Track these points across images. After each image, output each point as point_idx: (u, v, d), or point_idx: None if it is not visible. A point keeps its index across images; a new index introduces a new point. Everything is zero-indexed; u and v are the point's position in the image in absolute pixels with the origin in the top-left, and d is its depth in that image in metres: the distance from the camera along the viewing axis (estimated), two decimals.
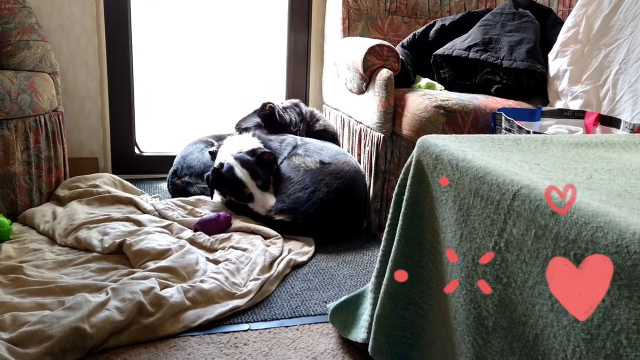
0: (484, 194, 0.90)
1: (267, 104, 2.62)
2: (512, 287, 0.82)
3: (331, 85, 2.86)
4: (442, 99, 1.95)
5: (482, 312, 0.88)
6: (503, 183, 0.86)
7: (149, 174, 2.91)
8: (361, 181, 2.25)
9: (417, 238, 1.12)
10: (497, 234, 0.86)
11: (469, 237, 0.93)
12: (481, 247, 0.90)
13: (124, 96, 2.81)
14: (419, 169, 1.12)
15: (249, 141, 2.34)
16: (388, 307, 1.17)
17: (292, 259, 1.85)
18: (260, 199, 2.14)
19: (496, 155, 1.01)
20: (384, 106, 2.12)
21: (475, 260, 0.91)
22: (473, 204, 0.93)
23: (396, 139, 2.15)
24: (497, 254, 0.86)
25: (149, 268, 1.61)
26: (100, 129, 2.76)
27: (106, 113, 2.76)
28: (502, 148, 1.08)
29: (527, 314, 0.78)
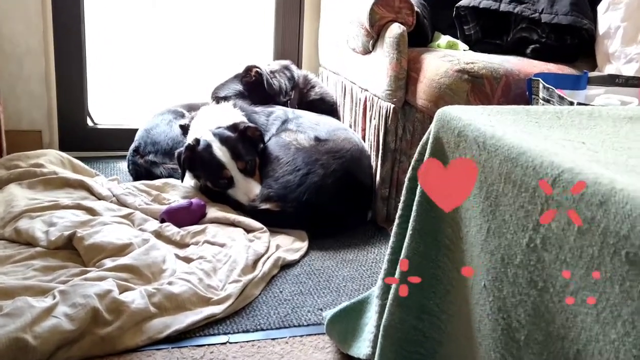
0: (517, 179, 0.90)
1: (252, 67, 2.60)
2: (549, 293, 0.82)
3: (330, 44, 2.84)
4: (466, 61, 1.94)
5: (513, 323, 0.89)
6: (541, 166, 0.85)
7: (105, 151, 2.90)
8: (365, 162, 2.25)
9: (434, 233, 1.12)
10: (532, 228, 0.86)
11: (498, 231, 0.93)
12: (512, 244, 0.90)
13: (73, 55, 2.78)
14: (437, 147, 1.11)
15: (230, 113, 2.33)
16: (398, 317, 1.17)
17: (281, 257, 1.85)
18: (243, 185, 2.14)
19: (532, 131, 1.00)
20: (395, 70, 2.11)
21: (505, 260, 0.91)
22: (503, 191, 0.93)
23: (409, 110, 2.15)
24: (531, 253, 0.86)
25: (105, 267, 1.61)
26: (44, 95, 2.73)
27: (51, 76, 2.74)
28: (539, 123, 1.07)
29: (567, 325, 0.78)
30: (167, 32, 3.21)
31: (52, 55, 2.72)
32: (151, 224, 1.97)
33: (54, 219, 1.86)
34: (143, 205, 2.09)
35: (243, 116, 2.36)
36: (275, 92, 2.57)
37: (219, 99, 2.53)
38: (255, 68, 2.59)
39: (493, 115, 1.09)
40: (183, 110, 2.61)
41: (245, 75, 2.61)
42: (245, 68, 2.62)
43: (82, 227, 1.81)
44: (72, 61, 2.79)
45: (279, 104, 2.57)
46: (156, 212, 2.04)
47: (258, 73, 2.57)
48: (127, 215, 1.99)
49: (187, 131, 2.38)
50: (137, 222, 1.97)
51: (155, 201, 2.16)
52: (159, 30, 3.20)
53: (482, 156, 0.99)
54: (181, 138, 2.41)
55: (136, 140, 2.51)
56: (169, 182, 2.28)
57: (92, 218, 1.90)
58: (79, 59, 2.80)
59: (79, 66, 2.81)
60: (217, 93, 2.59)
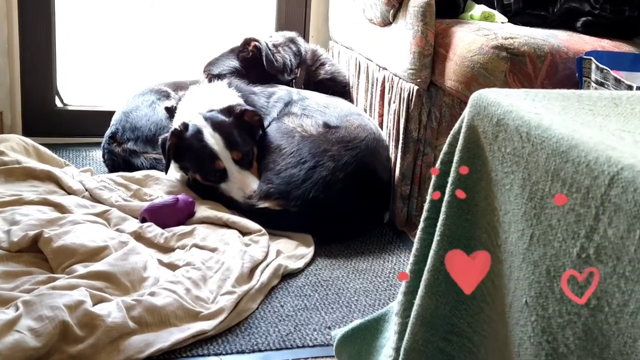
0: (567, 177, 0.89)
1: (250, 40, 2.60)
2: (604, 312, 0.82)
3: (342, 13, 2.83)
4: (505, 36, 1.93)
5: (560, 348, 0.88)
6: (595, 162, 0.85)
7: (76, 136, 2.90)
8: (383, 154, 2.25)
9: (467, 239, 1.11)
10: (584, 235, 0.85)
11: (544, 238, 0.93)
12: (561, 254, 0.89)
13: (40, 24, 2.78)
14: (471, 138, 1.11)
15: (224, 94, 2.33)
16: (422, 338, 1.16)
17: (282, 265, 1.85)
18: (238, 178, 2.14)
19: (585, 120, 1.00)
20: (420, 45, 2.10)
21: (552, 273, 0.91)
22: (550, 191, 0.92)
23: (436, 93, 2.14)
24: (583, 264, 0.86)
25: (76, 274, 1.61)
26: (5, 69, 2.74)
27: (14, 48, 2.74)
28: (593, 110, 1.06)
29: (624, 352, 0.78)
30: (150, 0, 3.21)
31: (15, 24, 2.72)
32: (130, 223, 1.97)
33: (17, 216, 1.87)
34: (121, 202, 2.09)
35: (239, 97, 2.36)
36: (276, 69, 2.57)
37: (212, 77, 2.53)
38: (254, 41, 2.59)
39: (538, 100, 1.09)
40: (168, 89, 2.61)
41: (243, 49, 2.61)
42: (243, 41, 2.62)
43: (49, 227, 1.81)
44: (39, 29, 2.79)
45: (282, 84, 2.57)
46: (136, 210, 2.04)
47: (256, 47, 2.57)
48: (102, 213, 1.99)
49: (173, 114, 2.39)
50: (114, 221, 1.97)
51: (135, 197, 2.15)
52: None
53: (525, 149, 0.98)
54: (166, 122, 2.42)
55: (113, 125, 2.50)
56: (151, 174, 2.28)
57: (61, 216, 1.90)
58: (47, 26, 2.80)
59: (47, 35, 2.81)
60: (209, 70, 2.59)
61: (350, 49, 2.76)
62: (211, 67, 2.60)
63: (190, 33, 3.26)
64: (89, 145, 2.84)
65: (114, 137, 2.46)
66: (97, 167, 2.53)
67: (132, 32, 3.22)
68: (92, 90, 3.14)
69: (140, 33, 3.23)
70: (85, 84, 3.16)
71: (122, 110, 2.53)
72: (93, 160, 2.66)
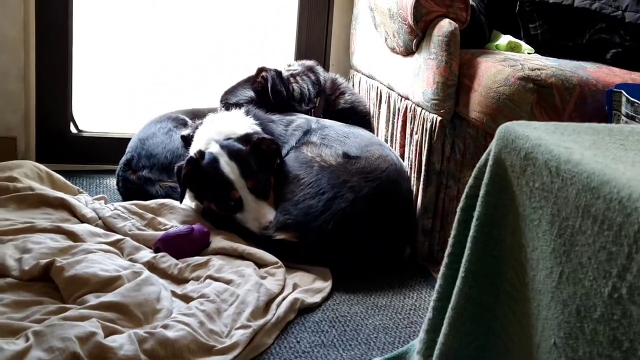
0: (599, 213, 0.89)
1: (261, 70, 2.62)
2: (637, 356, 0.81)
3: (364, 42, 2.85)
4: (532, 67, 1.93)
5: None
6: (628, 198, 0.85)
7: (91, 163, 2.92)
8: (404, 186, 2.24)
9: (493, 276, 1.12)
10: (616, 274, 0.85)
11: (573, 277, 0.93)
12: (591, 294, 0.89)
13: (58, 49, 2.82)
14: (498, 172, 1.11)
15: (242, 122, 2.35)
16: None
17: (299, 299, 1.85)
18: (254, 209, 2.14)
19: (617, 155, 1.00)
20: (444, 75, 2.11)
21: (582, 313, 0.90)
22: (581, 227, 0.92)
23: (460, 124, 2.14)
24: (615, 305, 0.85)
25: (88, 304, 1.61)
26: (21, 95, 2.77)
27: (31, 73, 2.78)
28: (625, 145, 1.06)
29: None
30: (169, 28, 3.24)
31: (32, 48, 2.76)
32: (144, 253, 1.97)
33: (29, 244, 1.87)
34: (134, 231, 2.09)
35: (257, 125, 2.37)
36: (282, 101, 2.57)
37: (229, 106, 2.55)
38: (263, 71, 2.61)
39: (568, 134, 1.09)
40: (185, 117, 2.63)
41: (255, 79, 2.63)
42: (257, 70, 2.64)
43: (61, 255, 1.81)
44: (56, 56, 2.83)
45: (300, 112, 2.58)
46: (150, 240, 2.04)
47: (264, 77, 2.59)
48: (116, 242, 2.00)
49: (189, 142, 2.40)
50: (127, 250, 1.97)
51: (149, 226, 2.16)
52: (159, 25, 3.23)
53: (554, 184, 0.99)
54: (182, 151, 2.42)
55: (128, 152, 2.51)
56: (166, 203, 2.28)
57: (73, 244, 1.90)
58: (64, 53, 2.84)
59: (63, 62, 2.85)
60: (227, 99, 2.61)
61: (372, 77, 2.77)
62: (228, 95, 2.62)
63: (209, 60, 3.28)
64: (103, 172, 2.86)
65: (129, 165, 2.47)
66: (111, 195, 2.53)
67: (150, 58, 3.25)
68: (107, 116, 3.16)
69: (158, 59, 3.25)
70: (100, 109, 3.18)
71: (138, 137, 2.54)
72: (107, 188, 2.67)
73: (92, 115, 3.08)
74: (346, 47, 3.10)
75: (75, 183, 2.50)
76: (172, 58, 3.27)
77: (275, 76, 2.59)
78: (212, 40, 3.28)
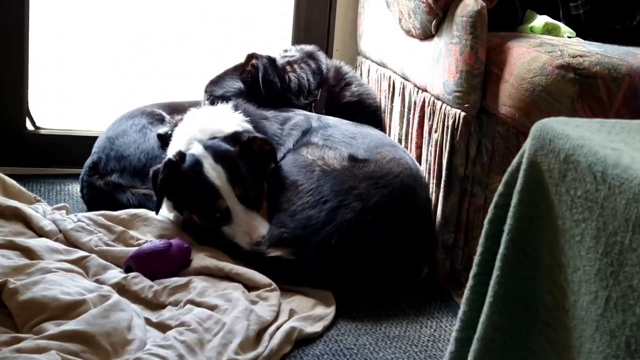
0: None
1: (251, 57, 2.61)
2: None
3: (374, 23, 2.84)
4: (573, 53, 1.92)
5: None
6: None
7: (50, 166, 2.92)
8: (421, 194, 2.24)
9: (527, 301, 1.11)
10: None
11: (622, 303, 0.91)
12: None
13: (11, 32, 2.82)
14: (534, 177, 1.10)
15: (229, 118, 2.35)
16: None
17: (297, 329, 1.84)
18: (244, 221, 2.14)
19: None
20: (469, 62, 2.11)
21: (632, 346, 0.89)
22: (631, 244, 0.90)
23: (488, 121, 2.14)
24: None
25: (46, 333, 1.60)
26: None
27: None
28: None
29: None
30: (143, 7, 3.23)
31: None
32: (112, 273, 1.96)
33: None
34: (101, 247, 2.09)
35: (248, 123, 2.37)
36: (275, 93, 2.57)
37: (215, 99, 2.55)
38: (254, 58, 2.61)
39: (616, 133, 1.08)
40: (163, 112, 2.63)
41: (244, 68, 2.62)
42: (246, 57, 2.64)
43: (14, 275, 1.80)
44: (9, 42, 2.83)
45: (299, 108, 2.58)
46: (120, 257, 2.04)
47: (254, 66, 2.58)
48: (79, 260, 1.99)
49: (167, 142, 2.39)
50: (93, 270, 1.96)
51: (119, 241, 2.15)
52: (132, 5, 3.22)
53: (600, 192, 0.97)
54: (159, 152, 2.43)
55: (94, 153, 2.51)
56: (139, 213, 2.29)
57: (29, 263, 1.89)
58: (19, 38, 2.84)
59: (18, 48, 2.84)
60: (211, 90, 2.61)
61: (383, 65, 2.77)
62: (213, 87, 2.63)
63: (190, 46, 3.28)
64: (64, 177, 2.85)
65: (96, 168, 2.47)
66: (74, 204, 2.53)
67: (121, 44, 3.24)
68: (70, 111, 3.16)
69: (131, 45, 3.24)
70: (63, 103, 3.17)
71: (107, 135, 2.54)
72: (69, 195, 2.67)
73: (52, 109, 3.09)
74: (353, 30, 3.11)
75: (31, 190, 2.51)
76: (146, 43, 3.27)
77: (268, 64, 2.59)
78: (193, 22, 3.28)
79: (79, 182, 2.55)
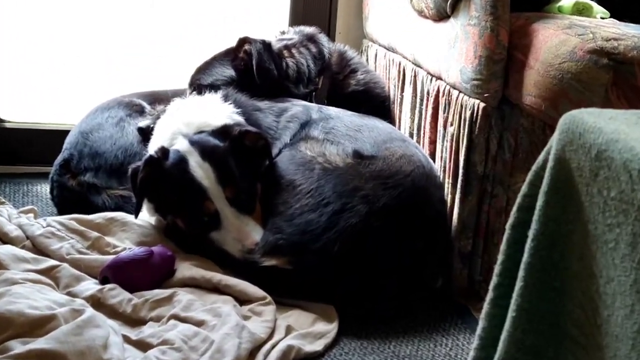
0: None
1: (244, 41, 2.62)
2: None
3: (381, 3, 2.85)
4: (606, 36, 1.92)
5: None
6: None
7: (16, 164, 2.93)
8: (435, 195, 2.25)
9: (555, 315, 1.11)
10: None
11: None
12: None
13: None
14: (561, 176, 1.11)
15: (218, 110, 2.35)
16: None
17: (294, 347, 1.84)
18: (235, 226, 2.14)
19: None
20: (489, 46, 2.11)
21: None
22: None
23: (511, 112, 2.15)
24: None
25: (12, 352, 1.60)
26: None
27: None
28: None
29: None
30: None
31: None
32: (86, 285, 1.96)
33: None
34: (74, 255, 2.09)
35: (238, 115, 2.37)
36: (271, 82, 2.57)
37: (202, 88, 2.55)
38: (247, 42, 2.61)
39: None
40: (143, 102, 2.63)
41: (236, 53, 2.63)
42: (238, 42, 2.65)
43: None
44: None
45: (298, 98, 2.59)
46: (95, 266, 2.04)
47: (247, 52, 2.59)
48: (49, 269, 1.99)
49: (148, 137, 2.40)
50: (64, 281, 1.97)
51: (94, 248, 2.16)
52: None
53: (636, 193, 0.98)
54: (138, 148, 2.44)
55: (66, 149, 2.52)
56: (116, 217, 2.29)
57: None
58: None
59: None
60: (199, 79, 2.62)
61: (392, 50, 2.77)
62: (201, 75, 2.63)
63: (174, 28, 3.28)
64: (32, 176, 2.85)
65: (67, 166, 2.46)
66: (43, 207, 2.53)
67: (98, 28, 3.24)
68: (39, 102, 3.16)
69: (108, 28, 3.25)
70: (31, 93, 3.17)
71: (80, 129, 2.54)
72: (37, 196, 2.66)
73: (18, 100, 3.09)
74: (358, 10, 3.11)
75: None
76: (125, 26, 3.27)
77: (263, 50, 2.59)
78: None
79: (48, 182, 2.54)
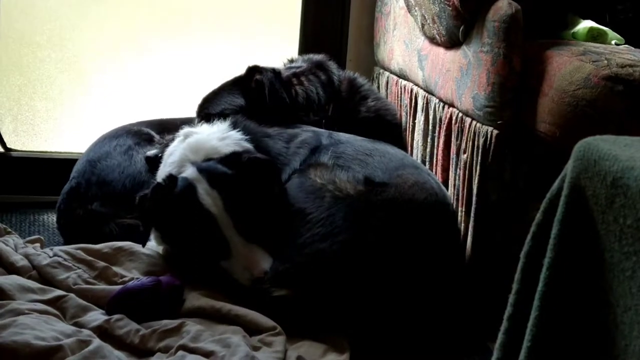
0: None
1: (254, 70, 2.63)
2: None
3: (393, 30, 2.86)
4: (621, 62, 1.93)
5: None
6: None
7: (23, 194, 2.94)
8: (449, 224, 2.25)
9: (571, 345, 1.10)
10: None
11: None
12: None
13: None
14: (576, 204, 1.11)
15: (227, 137, 2.36)
16: None
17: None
18: (244, 255, 2.14)
19: None
20: (502, 73, 2.12)
21: None
22: None
23: (524, 139, 2.14)
24: None
25: None
26: None
27: None
28: None
29: None
30: (129, 12, 3.26)
31: None
32: (93, 315, 1.96)
33: None
34: (81, 285, 2.09)
35: (247, 142, 2.38)
36: (282, 110, 2.58)
37: (211, 117, 2.55)
38: (257, 72, 2.62)
39: None
40: (150, 131, 2.65)
41: (245, 82, 2.64)
42: (247, 70, 2.67)
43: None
44: None
45: (307, 124, 2.60)
46: (102, 296, 2.04)
47: (258, 82, 2.60)
48: (55, 300, 1.99)
49: (156, 165, 2.41)
50: (71, 311, 1.97)
51: (101, 278, 2.16)
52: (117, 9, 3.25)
53: None
54: (146, 176, 2.44)
55: (73, 178, 2.53)
56: (123, 247, 2.29)
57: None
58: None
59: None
60: (207, 108, 2.63)
61: (404, 77, 2.78)
62: (208, 104, 2.64)
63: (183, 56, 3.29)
64: (39, 205, 2.86)
65: (75, 195, 2.47)
66: (49, 236, 2.54)
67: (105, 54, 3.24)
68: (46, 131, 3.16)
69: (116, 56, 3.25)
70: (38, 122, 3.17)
71: (87, 158, 2.56)
72: (44, 226, 2.68)
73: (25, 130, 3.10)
74: (369, 37, 3.13)
75: (1, 220, 2.51)
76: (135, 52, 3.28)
77: (274, 79, 2.60)
78: (185, 28, 3.30)
79: (55, 211, 2.56)
